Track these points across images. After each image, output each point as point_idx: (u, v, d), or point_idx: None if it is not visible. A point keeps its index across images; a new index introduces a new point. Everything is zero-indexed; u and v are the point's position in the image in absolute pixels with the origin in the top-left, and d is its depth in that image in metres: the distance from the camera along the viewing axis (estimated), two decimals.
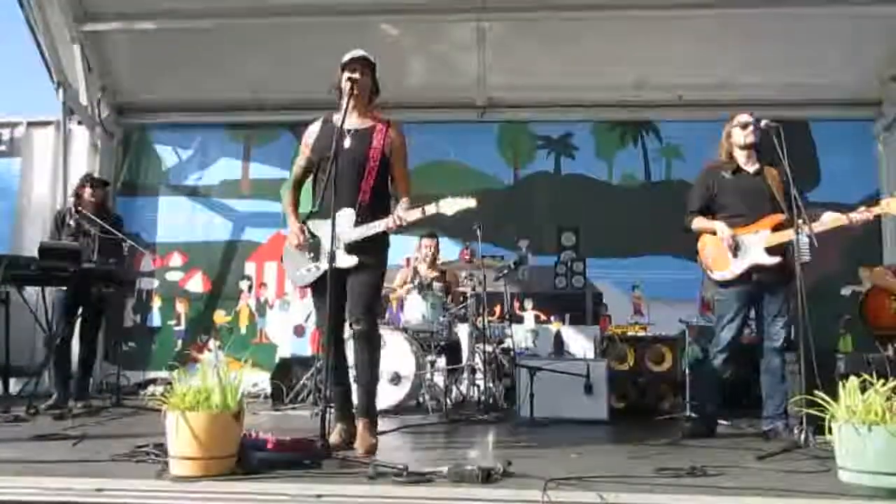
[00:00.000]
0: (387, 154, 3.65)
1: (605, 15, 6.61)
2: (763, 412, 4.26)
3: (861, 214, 4.01)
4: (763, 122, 4.05)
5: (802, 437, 3.55)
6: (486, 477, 2.60)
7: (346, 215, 3.52)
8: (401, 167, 3.72)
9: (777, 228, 4.17)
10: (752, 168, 4.36)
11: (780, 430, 4.10)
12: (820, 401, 2.88)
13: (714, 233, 4.31)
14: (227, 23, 6.86)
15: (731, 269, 4.23)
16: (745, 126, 4.32)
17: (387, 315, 6.64)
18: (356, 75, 3.56)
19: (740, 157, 4.38)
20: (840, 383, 2.92)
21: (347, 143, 3.58)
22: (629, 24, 6.70)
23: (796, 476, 2.90)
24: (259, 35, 7.00)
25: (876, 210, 4.04)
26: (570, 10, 6.61)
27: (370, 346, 3.63)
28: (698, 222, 4.41)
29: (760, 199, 4.26)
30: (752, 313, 4.40)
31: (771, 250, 4.15)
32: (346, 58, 3.62)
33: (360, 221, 3.54)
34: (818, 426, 3.21)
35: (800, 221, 3.88)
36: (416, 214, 3.55)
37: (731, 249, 4.21)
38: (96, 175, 5.80)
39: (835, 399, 2.83)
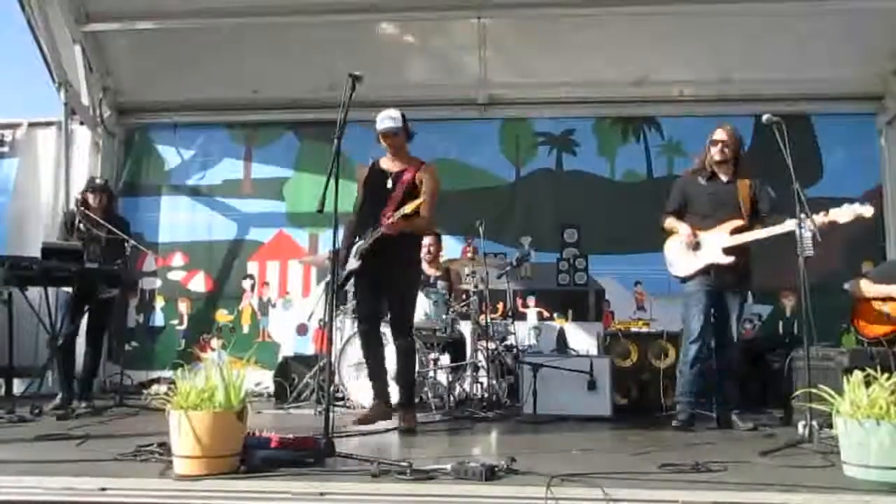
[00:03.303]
0: (416, 184, 4.33)
1: (605, 11, 6.60)
2: (716, 401, 4.67)
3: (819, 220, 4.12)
4: (765, 118, 4.07)
5: (807, 431, 3.55)
6: (490, 474, 2.61)
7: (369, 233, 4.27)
8: (425, 195, 4.27)
9: (735, 232, 4.51)
10: (725, 177, 4.69)
11: (733, 419, 4.48)
12: (825, 395, 2.89)
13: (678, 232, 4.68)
14: (228, 22, 6.85)
15: (690, 265, 4.61)
16: (715, 144, 4.68)
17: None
18: (388, 142, 4.36)
19: (716, 168, 4.71)
20: (843, 378, 2.93)
21: (389, 184, 4.36)
22: (630, 20, 6.68)
23: (800, 471, 2.90)
24: (260, 34, 7.01)
25: (824, 218, 4.10)
26: (570, 7, 6.59)
27: (407, 357, 4.41)
28: (669, 222, 4.80)
29: (727, 206, 4.60)
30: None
31: (727, 251, 4.48)
32: (380, 128, 4.33)
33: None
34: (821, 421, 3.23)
35: (802, 216, 3.89)
36: (397, 214, 4.10)
37: (691, 248, 4.60)
38: (98, 179, 5.80)
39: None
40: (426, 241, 6.38)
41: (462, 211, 7.02)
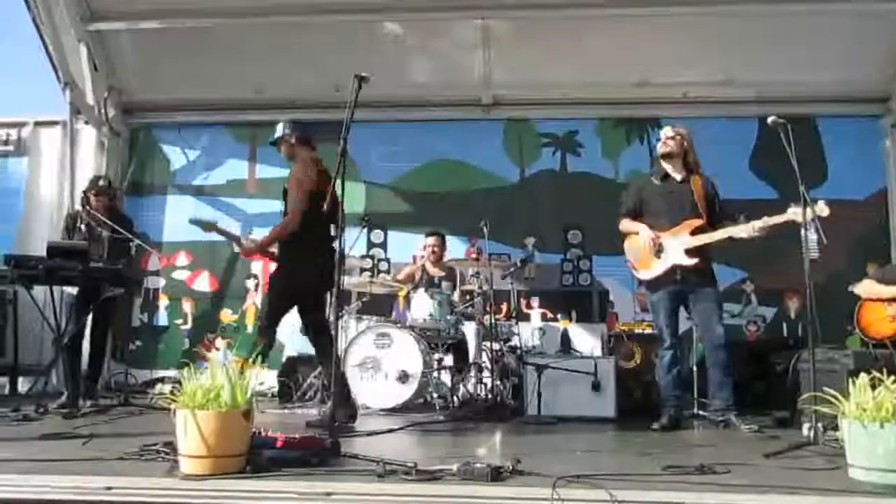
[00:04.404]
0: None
1: (609, 13, 6.60)
2: (711, 406, 4.58)
3: (761, 223, 4.26)
4: (770, 119, 4.07)
5: (812, 434, 3.55)
6: (496, 475, 2.61)
7: None
8: (290, 197, 4.49)
9: (695, 232, 4.51)
10: (679, 176, 4.71)
11: (732, 420, 4.38)
12: (829, 398, 2.89)
13: (638, 234, 4.66)
14: (232, 22, 6.87)
15: (654, 268, 4.60)
16: (660, 138, 4.77)
17: (393, 313, 6.66)
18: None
19: (665, 165, 4.74)
20: (848, 380, 2.92)
21: None
22: (634, 21, 6.68)
23: (805, 473, 2.89)
24: (264, 34, 7.02)
25: (776, 220, 4.20)
26: (574, 8, 6.60)
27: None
28: (626, 224, 4.81)
29: (683, 205, 4.61)
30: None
31: (689, 252, 4.49)
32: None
33: None
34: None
35: (809, 218, 3.89)
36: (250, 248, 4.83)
37: (653, 250, 4.57)
38: (101, 178, 5.82)
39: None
40: (430, 241, 6.42)
41: (465, 211, 7.04)
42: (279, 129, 4.73)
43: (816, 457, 3.26)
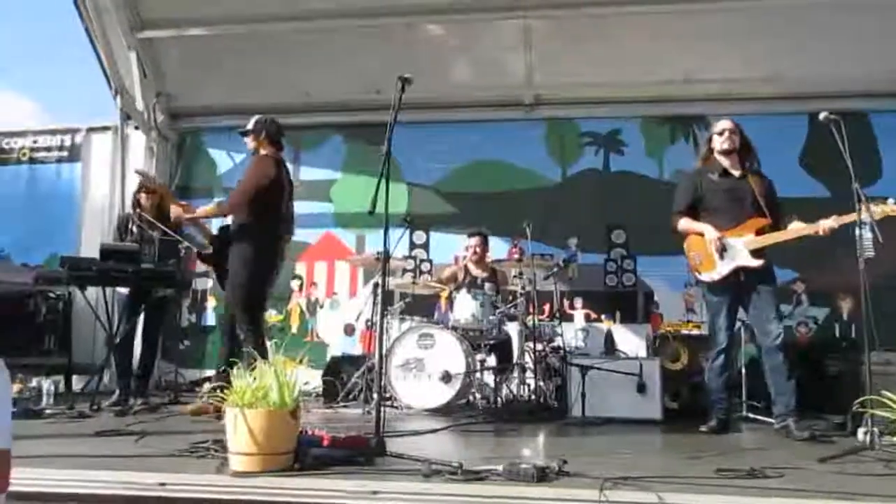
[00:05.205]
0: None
1: (651, 9, 6.51)
2: (774, 411, 4.34)
3: (832, 222, 4.09)
4: (822, 115, 3.97)
5: (868, 438, 3.45)
6: (542, 476, 2.60)
7: None
8: (240, 184, 4.87)
9: (760, 232, 4.33)
10: (737, 171, 4.50)
11: (791, 427, 4.14)
12: (887, 402, 2.81)
13: (701, 234, 4.45)
14: (275, 27, 6.97)
15: (718, 270, 4.38)
16: (721, 133, 4.51)
17: (435, 314, 6.67)
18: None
19: (724, 161, 4.53)
20: None
21: None
22: (677, 17, 6.59)
23: (862, 479, 2.82)
24: (306, 38, 7.11)
25: (846, 219, 4.01)
26: (615, 6, 6.55)
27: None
28: (685, 223, 4.59)
29: (745, 203, 4.42)
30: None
31: (755, 253, 4.30)
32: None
33: None
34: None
35: (863, 217, 3.79)
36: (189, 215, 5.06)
37: (718, 251, 4.35)
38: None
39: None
40: (472, 241, 6.40)
41: (508, 211, 7.01)
42: (251, 123, 4.97)
43: (873, 462, 3.17)
